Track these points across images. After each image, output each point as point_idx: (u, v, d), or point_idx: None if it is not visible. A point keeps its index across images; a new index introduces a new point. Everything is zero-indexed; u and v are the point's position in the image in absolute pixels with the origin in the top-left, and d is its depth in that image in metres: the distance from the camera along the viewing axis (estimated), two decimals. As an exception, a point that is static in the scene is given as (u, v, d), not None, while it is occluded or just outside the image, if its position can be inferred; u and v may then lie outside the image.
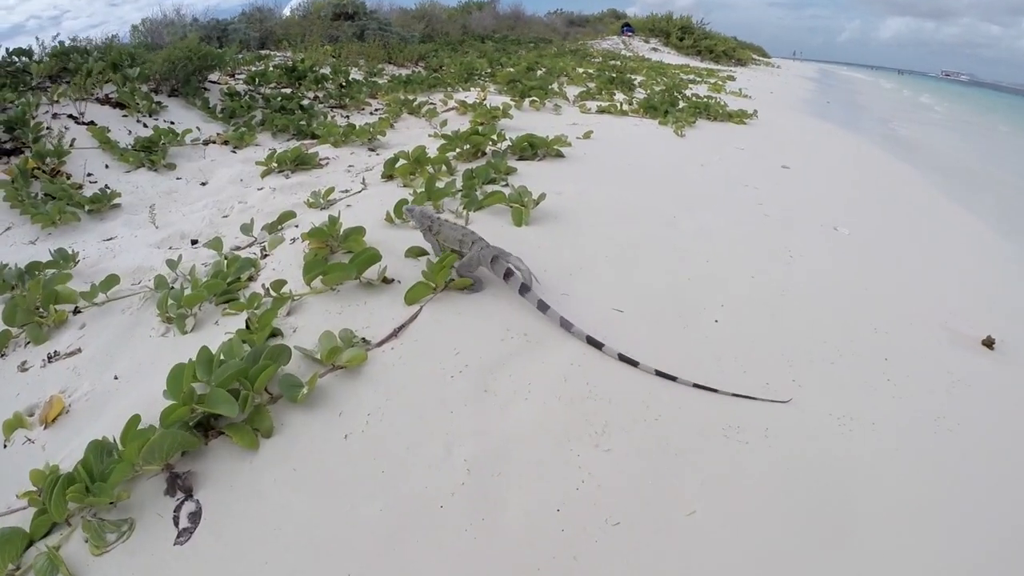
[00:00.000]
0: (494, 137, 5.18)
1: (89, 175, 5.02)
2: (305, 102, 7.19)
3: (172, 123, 6.09)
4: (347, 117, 7.24)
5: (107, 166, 5.18)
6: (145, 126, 5.85)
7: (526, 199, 3.54)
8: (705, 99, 10.00)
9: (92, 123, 5.64)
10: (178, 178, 5.18)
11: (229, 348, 2.15)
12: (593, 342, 2.32)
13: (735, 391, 2.19)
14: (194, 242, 3.72)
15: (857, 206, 5.14)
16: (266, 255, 3.15)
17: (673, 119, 7.37)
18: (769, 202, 4.61)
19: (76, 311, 2.97)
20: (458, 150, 5.03)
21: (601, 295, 2.73)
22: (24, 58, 6.54)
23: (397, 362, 2.23)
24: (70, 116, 5.69)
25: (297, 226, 3.54)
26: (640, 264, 3.07)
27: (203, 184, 5.13)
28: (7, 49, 6.57)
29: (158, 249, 3.72)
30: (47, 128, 5.43)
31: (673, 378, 2.22)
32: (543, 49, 17.91)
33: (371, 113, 7.46)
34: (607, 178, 4.72)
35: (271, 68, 8.21)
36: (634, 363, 2.26)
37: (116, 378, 2.48)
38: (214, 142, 5.89)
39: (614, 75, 11.59)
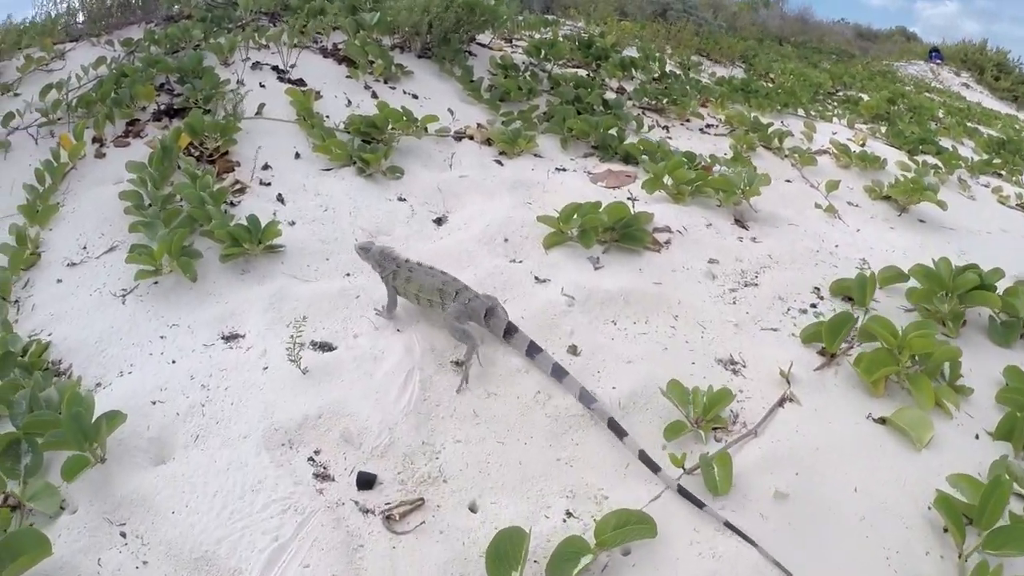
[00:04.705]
0: (1000, 290, 2.17)
1: (264, 168, 2.88)
2: (609, 95, 4.56)
3: (415, 96, 3.83)
4: (666, 129, 4.48)
5: (298, 155, 3.02)
6: (375, 95, 3.64)
7: None
8: None
9: (300, 82, 3.55)
10: (401, 199, 2.83)
11: None
12: (615, 427, 1.62)
13: None
14: (364, 483, 1.19)
15: None
16: None
17: None
18: None
19: None
20: (925, 308, 2.08)
21: None
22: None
23: None
24: (274, 68, 3.67)
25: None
26: None
27: (437, 223, 2.71)
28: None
29: (279, 469, 1.26)
30: (238, 82, 3.43)
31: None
32: (848, 65, 13.79)
33: (701, 131, 4.60)
34: None
35: (561, 38, 5.73)
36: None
37: None
38: (471, 137, 3.50)
39: (1003, 138, 7.23)
